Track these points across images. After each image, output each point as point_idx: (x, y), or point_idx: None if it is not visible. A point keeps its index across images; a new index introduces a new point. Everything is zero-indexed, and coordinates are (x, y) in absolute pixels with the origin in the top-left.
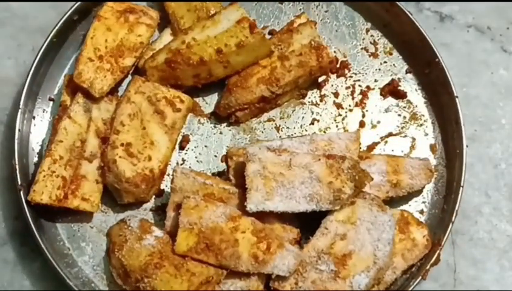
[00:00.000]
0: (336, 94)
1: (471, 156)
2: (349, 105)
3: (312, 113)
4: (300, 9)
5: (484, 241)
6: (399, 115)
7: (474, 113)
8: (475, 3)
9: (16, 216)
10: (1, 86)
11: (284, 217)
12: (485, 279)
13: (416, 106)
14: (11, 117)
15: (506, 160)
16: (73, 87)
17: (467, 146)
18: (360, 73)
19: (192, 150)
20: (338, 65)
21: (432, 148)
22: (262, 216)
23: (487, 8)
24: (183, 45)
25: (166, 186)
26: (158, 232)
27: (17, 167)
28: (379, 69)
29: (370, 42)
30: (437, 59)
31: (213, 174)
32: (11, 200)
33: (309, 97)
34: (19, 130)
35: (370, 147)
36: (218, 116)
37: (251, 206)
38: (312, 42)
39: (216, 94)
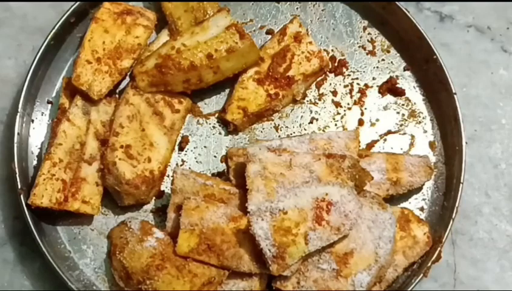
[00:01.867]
0: (334, 93)
1: (470, 156)
2: (348, 104)
3: (311, 111)
4: (297, 8)
5: (484, 241)
6: (398, 113)
7: (474, 112)
8: (475, 3)
9: (16, 216)
10: (1, 87)
11: None
12: (485, 279)
13: (414, 103)
14: (10, 118)
15: (506, 160)
16: (72, 90)
17: (466, 143)
18: (358, 71)
19: (192, 150)
20: (336, 64)
21: (431, 145)
22: None
23: (487, 8)
24: (173, 50)
25: (166, 187)
26: (158, 234)
27: (16, 170)
28: (377, 67)
29: (368, 40)
30: (434, 56)
31: (213, 174)
32: (11, 200)
33: (308, 96)
34: (18, 133)
35: (370, 145)
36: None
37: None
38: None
39: (214, 95)
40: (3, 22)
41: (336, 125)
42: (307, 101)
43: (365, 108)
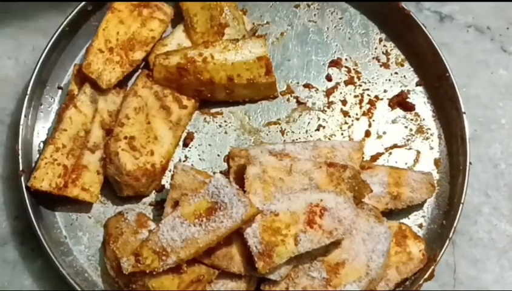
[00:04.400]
0: (344, 102)
1: (470, 156)
2: (356, 114)
3: (319, 119)
4: (315, 14)
5: (484, 241)
6: (406, 127)
7: (474, 113)
8: (475, 3)
9: (17, 216)
10: (1, 86)
11: None
12: (484, 279)
13: (423, 119)
14: (11, 118)
15: (506, 160)
16: (82, 77)
17: (471, 163)
18: (369, 82)
19: (196, 147)
20: (348, 73)
21: (437, 162)
22: None
23: (487, 8)
24: (200, 57)
25: (167, 182)
26: (153, 227)
27: (20, 152)
28: (389, 80)
29: (383, 52)
30: (447, 74)
31: (214, 173)
32: (12, 200)
33: (316, 103)
34: (25, 115)
35: (374, 157)
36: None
37: None
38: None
39: None
40: (3, 22)
41: (342, 134)
42: (316, 108)
43: (373, 120)
